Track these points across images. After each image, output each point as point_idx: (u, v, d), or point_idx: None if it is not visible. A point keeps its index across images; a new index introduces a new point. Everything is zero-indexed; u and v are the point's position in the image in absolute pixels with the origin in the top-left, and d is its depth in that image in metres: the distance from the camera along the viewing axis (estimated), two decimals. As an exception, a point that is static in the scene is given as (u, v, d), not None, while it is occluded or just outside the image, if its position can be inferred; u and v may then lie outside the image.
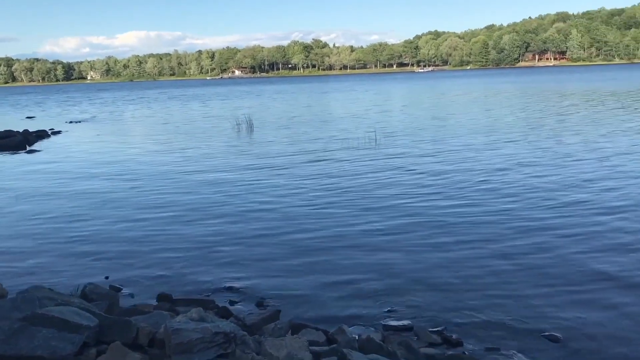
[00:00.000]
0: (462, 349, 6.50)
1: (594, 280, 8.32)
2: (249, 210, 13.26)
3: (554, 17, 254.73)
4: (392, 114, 40.53)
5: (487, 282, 8.39)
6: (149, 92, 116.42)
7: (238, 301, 8.15)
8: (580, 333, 6.77)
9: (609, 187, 14.09)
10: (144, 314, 6.09)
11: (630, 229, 10.62)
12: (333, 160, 19.89)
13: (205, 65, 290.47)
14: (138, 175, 18.60)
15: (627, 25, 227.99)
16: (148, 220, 12.74)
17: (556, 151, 19.91)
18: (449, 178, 15.99)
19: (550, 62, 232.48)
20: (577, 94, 53.42)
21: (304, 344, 4.70)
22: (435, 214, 12.25)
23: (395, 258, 9.60)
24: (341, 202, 13.62)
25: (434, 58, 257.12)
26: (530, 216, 11.77)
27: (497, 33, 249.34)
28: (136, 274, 9.40)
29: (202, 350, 4.14)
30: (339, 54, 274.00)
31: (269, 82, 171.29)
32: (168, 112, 53.27)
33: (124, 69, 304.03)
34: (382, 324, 7.23)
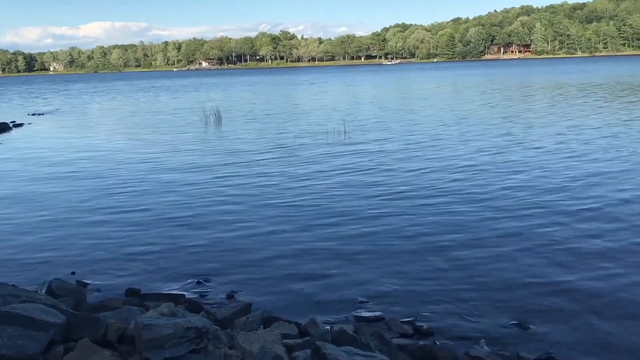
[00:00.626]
0: (433, 338, 6.56)
1: (561, 269, 8.49)
2: (216, 204, 13.13)
3: (519, 10, 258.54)
4: (361, 106, 40.63)
5: (456, 273, 8.48)
6: (115, 83, 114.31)
7: (208, 295, 8.07)
8: (549, 321, 6.90)
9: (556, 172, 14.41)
10: (113, 309, 5.98)
11: (597, 222, 10.88)
12: (302, 153, 19.85)
13: (171, 57, 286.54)
14: (103, 170, 18.25)
15: (589, 19, 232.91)
16: (113, 215, 12.51)
17: (522, 142, 20.25)
18: (418, 170, 16.11)
19: (515, 55, 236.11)
20: (547, 87, 54.42)
21: (277, 337, 4.67)
22: (403, 205, 12.33)
23: (364, 249, 9.63)
24: (310, 195, 13.60)
25: (402, 50, 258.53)
26: (498, 206, 11.94)
27: (463, 26, 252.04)
28: (103, 268, 9.24)
29: (174, 345, 4.08)
30: (307, 45, 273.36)
31: (236, 73, 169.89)
32: (134, 104, 52.39)
33: (88, 60, 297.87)
34: (354, 315, 7.25)
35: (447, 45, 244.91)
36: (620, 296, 7.48)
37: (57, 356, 4.38)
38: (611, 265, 8.53)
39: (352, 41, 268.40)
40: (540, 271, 8.40)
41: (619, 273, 8.23)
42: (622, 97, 38.06)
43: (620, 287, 7.77)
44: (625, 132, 21.87)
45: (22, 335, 4.26)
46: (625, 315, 6.94)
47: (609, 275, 8.16)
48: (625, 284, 7.85)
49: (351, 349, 4.35)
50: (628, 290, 7.65)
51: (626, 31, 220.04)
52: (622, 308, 7.14)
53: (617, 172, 14.78)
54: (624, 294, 7.53)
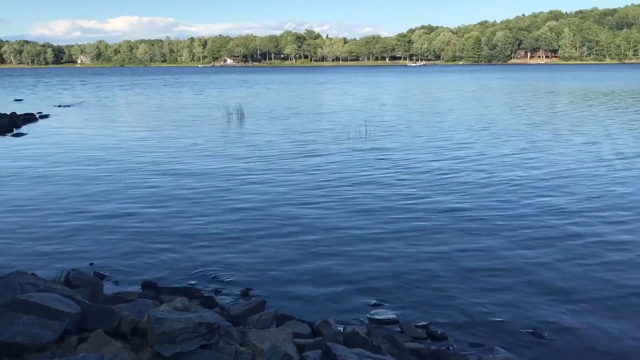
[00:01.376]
0: (447, 343, 6.51)
1: (578, 279, 8.35)
2: (236, 201, 13.17)
3: (547, 15, 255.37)
4: (385, 107, 40.47)
5: (473, 279, 8.40)
6: (141, 77, 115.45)
7: (223, 291, 8.10)
8: (565, 330, 6.80)
9: (590, 187, 14.18)
10: (128, 302, 6.02)
11: (617, 233, 10.69)
12: (322, 154, 19.82)
13: (197, 53, 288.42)
14: (125, 162, 18.45)
15: (619, 26, 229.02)
16: (134, 208, 12.63)
17: (551, 148, 19.99)
18: (440, 174, 15.99)
19: (542, 60, 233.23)
20: (574, 93, 53.67)
21: (288, 335, 4.67)
22: (422, 209, 12.25)
23: (382, 252, 9.58)
24: (329, 196, 13.57)
25: (427, 52, 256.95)
26: (521, 214, 11.80)
27: (490, 29, 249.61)
28: (121, 261, 9.32)
29: (185, 340, 4.09)
30: (332, 45, 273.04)
31: (261, 71, 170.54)
32: (159, 98, 52.85)
33: (114, 54, 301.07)
34: (368, 317, 7.22)
35: (473, 48, 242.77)
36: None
37: (70, 346, 4.43)
38: (635, 278, 8.37)
39: (377, 42, 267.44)
40: (558, 282, 8.27)
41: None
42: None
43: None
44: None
45: (37, 323, 4.31)
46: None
47: (633, 288, 8.01)
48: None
49: (362, 351, 4.32)
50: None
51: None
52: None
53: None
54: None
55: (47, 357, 4.16)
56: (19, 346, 4.17)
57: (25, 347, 4.17)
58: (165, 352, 3.99)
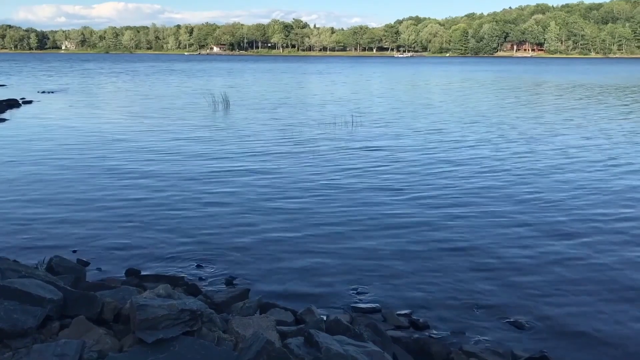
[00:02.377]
0: (429, 332, 6.58)
1: (558, 267, 8.47)
2: (220, 190, 13.16)
3: (534, 8, 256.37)
4: (370, 97, 40.50)
5: (456, 270, 8.48)
6: (127, 64, 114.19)
7: (207, 279, 8.11)
8: (543, 318, 6.91)
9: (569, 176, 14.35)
10: (111, 288, 6.00)
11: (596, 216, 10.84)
12: (307, 143, 19.82)
13: (183, 41, 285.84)
14: (108, 150, 18.32)
15: (604, 20, 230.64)
16: (119, 196, 12.56)
17: (537, 138, 20.17)
18: (426, 165, 16.08)
19: (528, 53, 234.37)
20: (562, 87, 54.05)
21: (271, 323, 4.69)
22: (405, 198, 12.32)
23: (366, 242, 9.64)
24: (312, 186, 13.60)
25: (414, 44, 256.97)
26: (500, 208, 11.91)
27: (477, 22, 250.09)
28: (105, 249, 9.29)
29: (168, 327, 4.10)
30: (320, 35, 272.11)
31: (247, 60, 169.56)
32: (143, 85, 52.39)
33: (99, 40, 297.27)
34: (351, 306, 7.28)
35: (460, 41, 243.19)
36: (617, 300, 7.47)
37: (52, 332, 4.41)
38: (612, 269, 8.50)
39: (364, 32, 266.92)
40: (536, 271, 8.39)
41: (617, 276, 8.20)
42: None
43: (619, 290, 7.75)
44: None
45: (18, 309, 4.29)
46: (621, 318, 6.93)
47: (608, 278, 8.14)
48: (624, 288, 7.83)
49: (344, 339, 4.36)
50: (626, 294, 7.63)
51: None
52: (618, 311, 7.12)
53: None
54: (621, 298, 7.51)
55: (29, 342, 4.14)
56: (1, 332, 4.14)
57: (6, 332, 4.15)
58: (147, 339, 3.99)
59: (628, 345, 6.31)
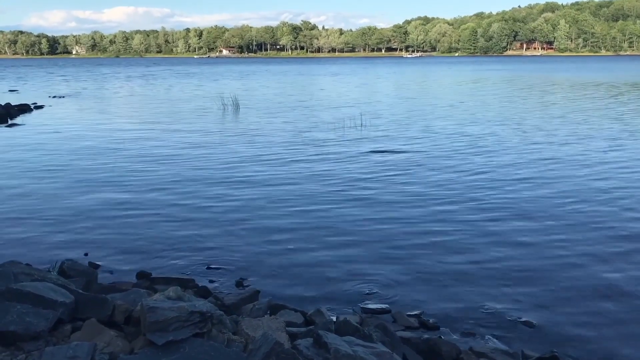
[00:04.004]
0: (439, 332, 6.58)
1: (569, 268, 8.43)
2: (231, 192, 13.20)
3: (543, 6, 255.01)
4: (380, 99, 40.47)
5: (465, 269, 8.47)
6: (137, 68, 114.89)
7: (218, 281, 8.15)
8: (554, 318, 6.88)
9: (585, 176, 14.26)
10: (122, 291, 6.06)
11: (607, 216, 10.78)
12: (316, 145, 19.85)
13: (192, 44, 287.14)
14: (119, 153, 18.45)
15: (615, 17, 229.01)
16: (130, 198, 12.65)
17: (544, 137, 20.07)
18: (434, 163, 16.05)
19: (538, 52, 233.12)
20: (573, 85, 53.73)
21: (281, 324, 4.71)
22: (417, 200, 12.30)
23: (375, 243, 9.64)
24: (324, 187, 13.62)
25: (423, 44, 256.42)
26: (510, 204, 11.87)
27: (486, 21, 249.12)
28: (116, 251, 9.36)
29: (178, 329, 4.13)
30: (328, 36, 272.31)
31: (257, 62, 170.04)
32: (154, 89, 52.69)
33: (110, 44, 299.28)
34: (361, 306, 7.29)
35: (469, 40, 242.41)
36: (629, 302, 7.42)
37: (64, 335, 4.46)
38: (629, 267, 8.44)
39: (373, 33, 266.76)
40: (549, 270, 8.35)
41: (635, 276, 8.14)
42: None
43: (632, 290, 7.70)
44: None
45: (31, 312, 4.34)
46: (632, 318, 6.88)
47: (624, 277, 8.09)
48: (636, 291, 7.77)
49: (353, 339, 4.37)
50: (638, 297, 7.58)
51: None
52: (628, 312, 7.08)
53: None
54: (632, 300, 7.47)
55: (41, 345, 4.20)
56: (13, 334, 4.20)
57: (19, 335, 4.20)
58: (157, 340, 4.03)
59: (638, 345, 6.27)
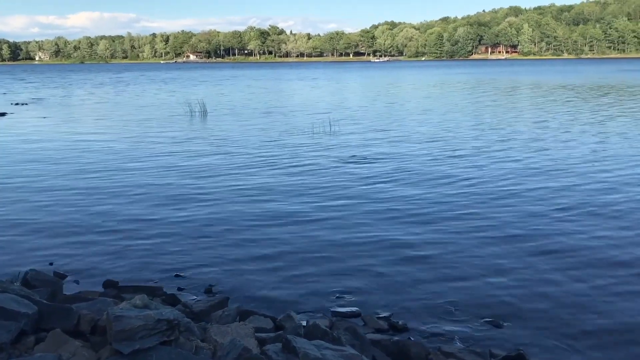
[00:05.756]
0: (408, 334, 6.63)
1: (535, 267, 8.59)
2: (198, 198, 13.08)
3: (507, 11, 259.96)
4: (348, 103, 40.67)
5: (434, 271, 8.55)
6: (102, 74, 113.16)
7: (186, 288, 8.07)
8: (522, 317, 7.00)
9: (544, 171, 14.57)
10: (88, 301, 5.96)
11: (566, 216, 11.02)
12: (285, 148, 19.86)
13: (159, 49, 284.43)
14: (84, 161, 18.14)
15: (576, 22, 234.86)
16: (96, 206, 12.44)
17: (506, 138, 20.43)
18: (399, 164, 16.18)
19: (502, 56, 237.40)
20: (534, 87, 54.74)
21: (249, 330, 4.70)
22: (381, 200, 12.39)
23: (344, 247, 9.67)
24: (291, 191, 13.61)
25: (390, 48, 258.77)
26: (471, 203, 12.05)
27: (451, 25, 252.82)
28: (83, 260, 9.19)
29: (145, 337, 4.08)
30: (296, 41, 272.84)
31: (224, 67, 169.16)
32: (119, 95, 51.95)
33: (74, 50, 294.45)
34: (331, 310, 7.30)
35: (435, 44, 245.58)
36: (592, 297, 7.59)
37: (27, 346, 4.37)
38: (586, 268, 8.64)
39: (340, 38, 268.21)
40: (514, 271, 8.49)
41: (593, 274, 8.33)
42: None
43: (593, 288, 7.88)
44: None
45: (-8, 324, 4.24)
46: (595, 316, 7.04)
47: (584, 276, 8.27)
48: (598, 285, 7.95)
49: (322, 343, 4.38)
50: (599, 291, 7.76)
51: (612, 34, 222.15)
52: (594, 309, 7.24)
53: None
54: (595, 295, 7.64)
55: (3, 358, 4.10)
56: (-26, 348, 4.10)
57: (-20, 348, 4.10)
58: (124, 349, 3.98)
59: (604, 342, 6.43)
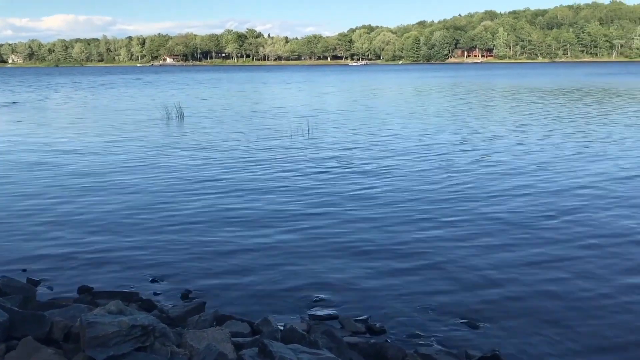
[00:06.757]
0: (385, 336, 6.65)
1: (511, 269, 8.69)
2: (173, 202, 12.97)
3: (482, 15, 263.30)
4: (326, 106, 40.75)
5: (411, 273, 8.60)
6: (77, 77, 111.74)
7: (163, 293, 8.00)
8: (498, 318, 7.07)
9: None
10: (62, 307, 5.87)
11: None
12: (262, 150, 19.83)
13: (135, 52, 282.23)
14: (58, 164, 17.88)
15: (550, 26, 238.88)
16: (70, 211, 12.26)
17: (482, 137, 20.64)
18: (378, 168, 16.25)
19: (478, 59, 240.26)
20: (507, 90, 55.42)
21: (226, 335, 4.67)
22: (360, 204, 12.42)
23: (322, 251, 9.66)
24: (267, 193, 13.58)
25: (368, 52, 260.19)
26: (449, 205, 12.14)
27: (428, 29, 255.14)
28: (57, 266, 9.05)
29: (118, 343, 4.03)
30: (274, 44, 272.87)
31: (201, 70, 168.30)
32: (95, 99, 51.34)
33: (48, 53, 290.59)
34: (309, 313, 7.30)
35: (412, 48, 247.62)
36: (567, 299, 7.70)
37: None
38: (559, 269, 8.75)
39: (318, 41, 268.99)
40: (490, 272, 8.56)
41: (565, 277, 8.43)
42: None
43: (568, 290, 7.98)
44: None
45: (-39, 333, 4.15)
46: (571, 317, 7.14)
47: (559, 278, 8.38)
48: (573, 289, 8.05)
49: (298, 347, 4.37)
50: (575, 293, 7.87)
51: (584, 38, 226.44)
52: (569, 310, 7.34)
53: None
54: (570, 297, 7.75)
55: (-27, 367, 4.01)
56: (-58, 357, 4.01)
57: (-51, 357, 4.01)
58: (97, 356, 3.92)
59: (579, 342, 6.51)
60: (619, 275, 8.39)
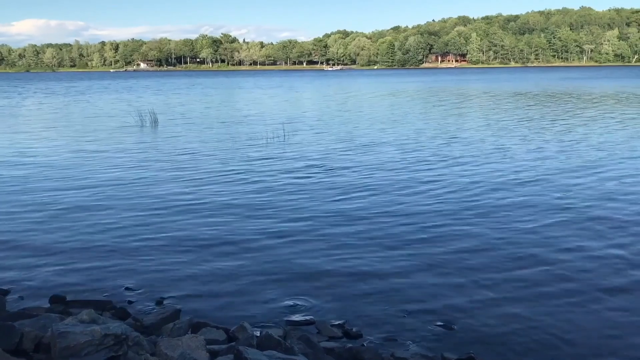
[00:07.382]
0: (362, 340, 6.66)
1: (485, 269, 8.77)
2: (146, 208, 12.84)
3: (456, 20, 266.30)
4: (301, 111, 40.78)
5: (385, 274, 8.64)
6: (49, 83, 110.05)
7: (137, 301, 7.90)
8: (473, 321, 7.12)
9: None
10: (32, 317, 5.76)
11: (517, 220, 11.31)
12: (237, 156, 19.74)
13: (108, 57, 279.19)
14: (28, 173, 17.56)
15: (522, 31, 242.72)
16: (42, 220, 12.05)
17: (456, 141, 20.85)
18: (355, 175, 16.29)
19: (452, 64, 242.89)
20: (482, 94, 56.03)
21: (201, 342, 4.62)
22: (330, 207, 12.44)
23: (301, 255, 9.65)
24: (242, 199, 13.52)
25: (343, 57, 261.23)
26: (421, 207, 12.23)
27: (402, 34, 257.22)
28: (28, 275, 8.87)
29: (91, 353, 3.97)
30: (249, 49, 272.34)
31: (176, 75, 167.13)
32: (67, 105, 50.57)
33: (19, 58, 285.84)
34: (285, 319, 7.27)
35: (387, 53, 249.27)
36: (543, 303, 7.79)
37: (-34, 367, 4.18)
38: (535, 273, 8.86)
39: (294, 46, 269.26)
40: (465, 277, 8.62)
41: (540, 280, 8.54)
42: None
43: (543, 295, 8.08)
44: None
45: None
46: (544, 321, 7.22)
47: (532, 281, 8.49)
48: (549, 292, 8.15)
49: (274, 353, 4.35)
50: (550, 298, 7.96)
51: (555, 43, 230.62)
52: (544, 313, 7.43)
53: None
54: (545, 301, 7.84)
55: (-61, 380, 3.91)
56: None
57: None
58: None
59: (554, 345, 6.59)
60: (598, 279, 8.52)
